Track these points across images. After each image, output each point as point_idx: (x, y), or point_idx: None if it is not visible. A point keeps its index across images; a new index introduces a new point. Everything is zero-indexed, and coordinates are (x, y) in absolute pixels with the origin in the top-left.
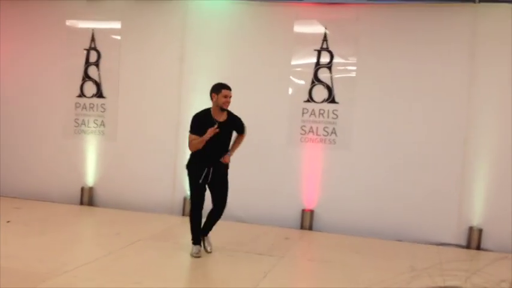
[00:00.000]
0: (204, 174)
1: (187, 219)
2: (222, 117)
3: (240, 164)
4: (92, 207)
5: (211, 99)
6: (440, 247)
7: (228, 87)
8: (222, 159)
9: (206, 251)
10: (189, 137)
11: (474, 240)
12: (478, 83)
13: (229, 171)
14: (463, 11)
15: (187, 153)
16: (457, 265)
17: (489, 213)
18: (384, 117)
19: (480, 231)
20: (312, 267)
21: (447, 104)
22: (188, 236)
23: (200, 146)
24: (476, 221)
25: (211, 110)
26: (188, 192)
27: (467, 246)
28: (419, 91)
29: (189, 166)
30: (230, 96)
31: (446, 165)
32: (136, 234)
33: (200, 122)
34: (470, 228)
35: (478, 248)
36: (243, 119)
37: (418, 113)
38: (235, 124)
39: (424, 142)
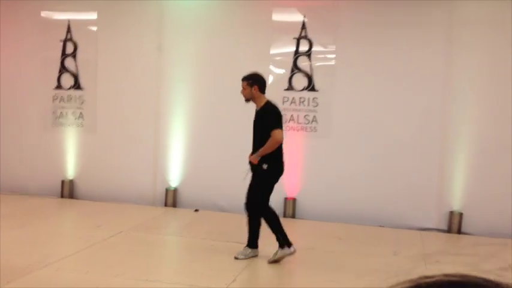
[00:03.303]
0: (248, 170)
1: (169, 210)
2: (257, 107)
3: (220, 154)
4: (72, 200)
5: None
6: (422, 232)
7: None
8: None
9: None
10: None
11: (455, 225)
12: (455, 69)
13: (212, 161)
14: None
15: (168, 143)
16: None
17: (469, 197)
18: (363, 104)
19: (460, 215)
20: (296, 254)
21: (426, 90)
22: (170, 227)
23: None
24: (456, 205)
25: None
26: (171, 183)
27: (448, 231)
28: (398, 78)
29: None
30: (242, 87)
31: (426, 151)
32: (118, 225)
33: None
34: (451, 213)
35: (459, 232)
36: (223, 109)
37: (397, 100)
38: (261, 118)
39: (404, 128)
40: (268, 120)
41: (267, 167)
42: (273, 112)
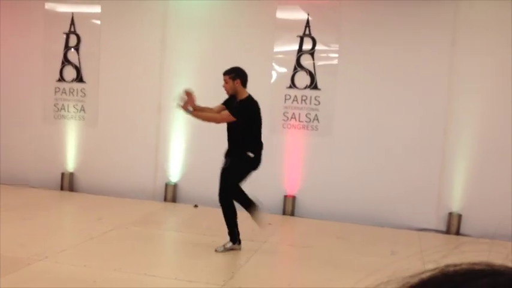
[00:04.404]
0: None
1: (169, 205)
2: (238, 99)
3: (220, 150)
4: (72, 193)
5: None
6: (421, 232)
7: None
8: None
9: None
10: None
11: (454, 226)
12: (458, 70)
13: (213, 157)
14: None
15: (169, 138)
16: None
17: (468, 199)
18: (365, 104)
19: (459, 216)
20: (294, 252)
21: (428, 92)
22: (170, 222)
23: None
24: (455, 206)
25: None
26: (171, 179)
27: (447, 232)
28: (400, 79)
29: None
30: (224, 81)
31: (426, 152)
32: (117, 220)
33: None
34: (450, 214)
35: (458, 233)
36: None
37: (399, 100)
38: (239, 109)
39: (405, 129)
40: (241, 110)
41: (252, 156)
42: (251, 108)
